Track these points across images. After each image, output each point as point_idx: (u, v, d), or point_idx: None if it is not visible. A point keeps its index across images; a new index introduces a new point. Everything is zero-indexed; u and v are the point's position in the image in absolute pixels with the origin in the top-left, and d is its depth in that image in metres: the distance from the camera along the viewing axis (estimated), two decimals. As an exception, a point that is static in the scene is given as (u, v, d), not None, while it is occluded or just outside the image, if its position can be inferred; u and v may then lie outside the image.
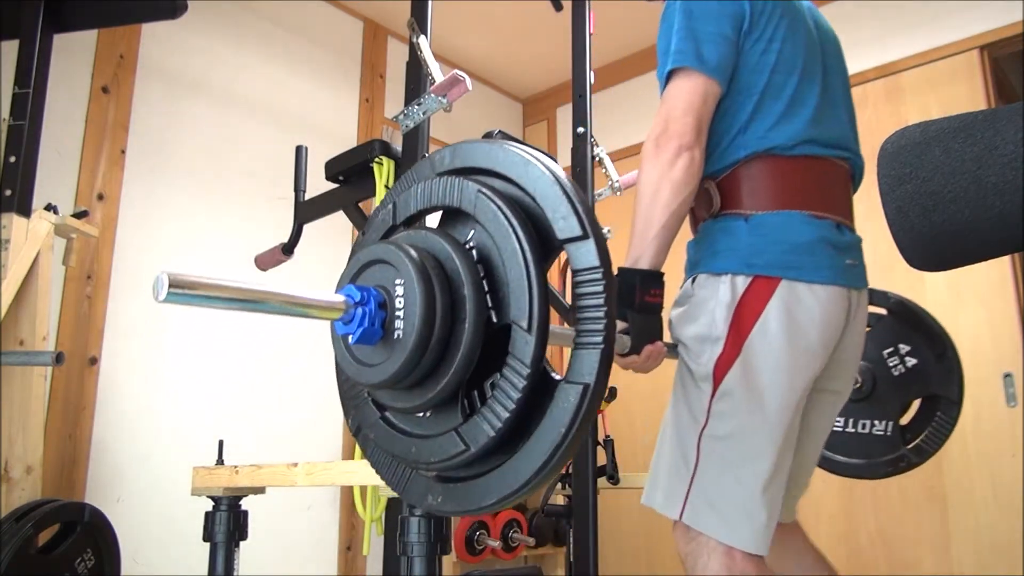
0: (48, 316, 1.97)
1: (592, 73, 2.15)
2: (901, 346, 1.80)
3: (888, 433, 1.79)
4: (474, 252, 0.80)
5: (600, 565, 1.96)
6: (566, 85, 2.75)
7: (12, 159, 1.90)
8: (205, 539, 1.53)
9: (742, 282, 1.19)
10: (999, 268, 2.62)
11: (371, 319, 0.75)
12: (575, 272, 0.75)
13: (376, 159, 1.84)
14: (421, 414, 0.83)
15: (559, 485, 2.35)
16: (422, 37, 1.71)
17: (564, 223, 0.75)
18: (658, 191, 1.18)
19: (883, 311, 1.83)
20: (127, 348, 2.56)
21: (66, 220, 2.02)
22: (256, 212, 2.97)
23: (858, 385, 1.80)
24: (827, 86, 1.32)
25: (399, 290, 0.76)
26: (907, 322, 1.80)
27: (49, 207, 1.99)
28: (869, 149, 1.22)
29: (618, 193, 2.24)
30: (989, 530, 2.50)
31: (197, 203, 2.83)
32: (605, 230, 1.49)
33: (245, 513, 1.57)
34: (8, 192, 1.88)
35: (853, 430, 1.83)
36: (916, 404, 1.82)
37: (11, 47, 2.03)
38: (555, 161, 0.80)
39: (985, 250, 0.72)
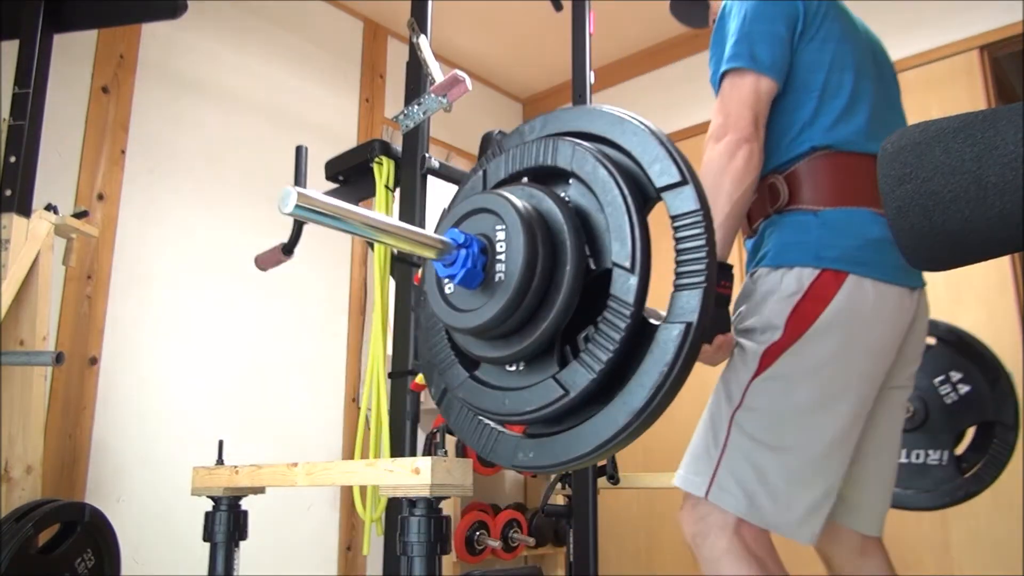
0: (48, 316, 1.96)
1: (592, 73, 2.15)
2: (952, 373, 1.78)
3: (944, 463, 1.76)
4: (569, 204, 0.81)
5: (600, 565, 1.96)
6: (566, 85, 2.75)
7: (12, 159, 1.90)
8: (205, 539, 1.53)
9: (809, 274, 1.20)
10: (999, 268, 2.62)
11: (473, 261, 0.76)
12: (673, 219, 0.75)
13: (376, 159, 1.84)
14: (513, 368, 0.83)
15: (559, 485, 2.35)
16: (422, 37, 1.72)
17: (662, 171, 0.76)
18: (720, 183, 1.19)
19: (931, 340, 1.79)
20: (127, 348, 2.56)
21: (66, 220, 2.02)
22: (256, 212, 2.97)
23: (910, 414, 1.76)
24: (883, 87, 1.35)
25: (500, 235, 0.77)
26: (958, 349, 1.78)
27: (49, 207, 1.99)
28: (869, 149, 1.23)
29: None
30: (989, 530, 2.50)
31: (197, 203, 2.83)
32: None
33: (245, 513, 1.56)
34: (8, 192, 1.88)
35: (907, 460, 1.79)
36: (970, 432, 1.79)
37: (11, 47, 2.02)
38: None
39: (985, 250, 0.72)
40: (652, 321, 0.75)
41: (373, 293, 3.17)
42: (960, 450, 1.80)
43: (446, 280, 0.80)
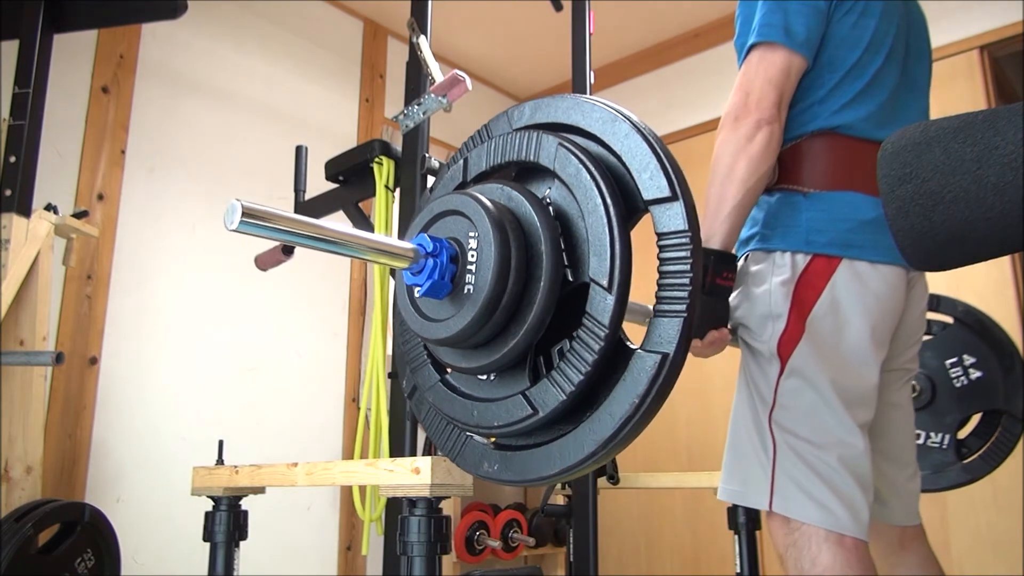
0: (48, 316, 1.96)
1: (592, 73, 2.15)
2: (966, 357, 1.74)
3: (944, 446, 1.73)
4: (550, 208, 0.77)
5: (600, 565, 1.96)
6: (566, 85, 2.75)
7: (12, 159, 1.90)
8: (205, 539, 1.53)
9: (801, 260, 1.16)
10: (999, 268, 2.62)
11: (441, 272, 0.72)
12: (660, 235, 0.71)
13: (376, 159, 1.84)
14: (485, 377, 0.80)
15: (559, 485, 2.35)
16: (422, 37, 1.72)
17: (652, 183, 0.71)
18: (734, 167, 1.13)
19: (949, 319, 1.75)
20: (127, 348, 2.56)
21: (66, 220, 2.02)
22: (256, 212, 2.97)
23: (916, 393, 1.72)
24: (908, 69, 1.28)
25: (472, 243, 0.72)
26: (974, 332, 1.74)
27: (49, 207, 1.99)
28: (869, 149, 1.21)
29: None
30: (989, 530, 2.50)
31: (197, 203, 2.83)
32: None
33: (245, 513, 1.56)
34: (8, 192, 1.88)
35: None
36: (974, 418, 1.76)
37: (11, 47, 2.03)
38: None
39: (985, 250, 0.72)
40: (629, 344, 0.71)
41: (373, 293, 3.17)
42: (962, 435, 1.77)
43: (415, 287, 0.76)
